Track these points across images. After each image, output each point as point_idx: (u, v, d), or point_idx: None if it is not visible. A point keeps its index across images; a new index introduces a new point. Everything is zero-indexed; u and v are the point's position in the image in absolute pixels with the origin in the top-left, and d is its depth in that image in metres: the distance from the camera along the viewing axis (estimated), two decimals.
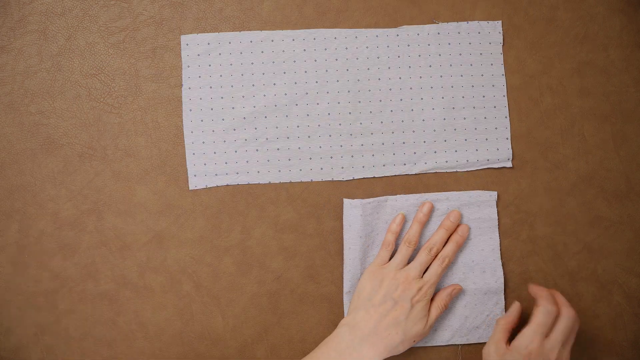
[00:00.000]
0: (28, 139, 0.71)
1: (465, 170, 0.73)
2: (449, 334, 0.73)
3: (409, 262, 0.70)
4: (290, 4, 0.73)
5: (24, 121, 0.71)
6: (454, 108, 0.73)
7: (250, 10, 0.73)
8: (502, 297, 0.73)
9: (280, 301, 0.72)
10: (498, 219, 0.73)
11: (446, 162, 0.73)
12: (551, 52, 0.75)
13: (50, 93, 0.71)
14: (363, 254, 0.71)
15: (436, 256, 0.70)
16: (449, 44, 0.74)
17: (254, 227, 0.72)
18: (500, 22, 0.74)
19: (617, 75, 0.75)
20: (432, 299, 0.70)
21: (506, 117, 0.74)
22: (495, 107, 0.74)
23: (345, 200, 0.71)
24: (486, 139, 0.73)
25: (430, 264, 0.70)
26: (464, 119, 0.73)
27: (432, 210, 0.71)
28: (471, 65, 0.74)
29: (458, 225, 0.72)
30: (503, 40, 0.74)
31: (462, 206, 0.73)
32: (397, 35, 0.73)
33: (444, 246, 0.71)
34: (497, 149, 0.73)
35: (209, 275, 0.72)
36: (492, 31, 0.74)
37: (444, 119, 0.73)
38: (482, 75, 0.74)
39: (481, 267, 0.73)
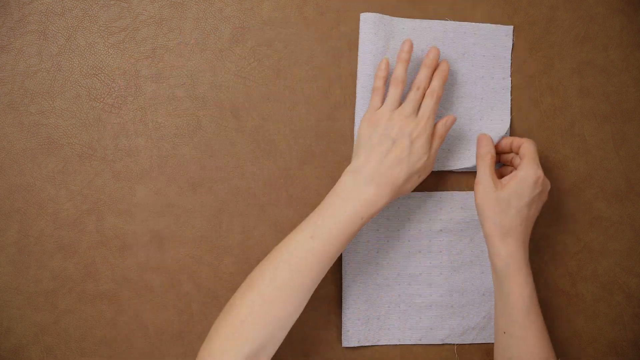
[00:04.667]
0: (28, 139, 0.71)
1: (465, 169, 0.73)
2: (444, 333, 0.73)
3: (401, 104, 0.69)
4: (290, 4, 0.73)
5: (24, 121, 0.71)
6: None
7: (250, 10, 0.73)
8: None
9: None
10: None
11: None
12: (551, 52, 0.75)
13: (50, 93, 0.71)
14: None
15: (424, 94, 0.68)
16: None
17: (254, 227, 0.72)
18: (512, 27, 0.74)
19: (617, 75, 0.75)
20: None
21: (508, 119, 0.73)
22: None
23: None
24: None
25: (422, 102, 0.68)
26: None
27: (412, 47, 0.69)
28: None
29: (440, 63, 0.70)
30: (513, 45, 0.74)
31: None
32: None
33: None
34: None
35: (209, 275, 0.72)
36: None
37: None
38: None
39: (480, 267, 0.73)
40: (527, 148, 0.67)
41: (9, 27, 0.70)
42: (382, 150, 0.65)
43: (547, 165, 0.74)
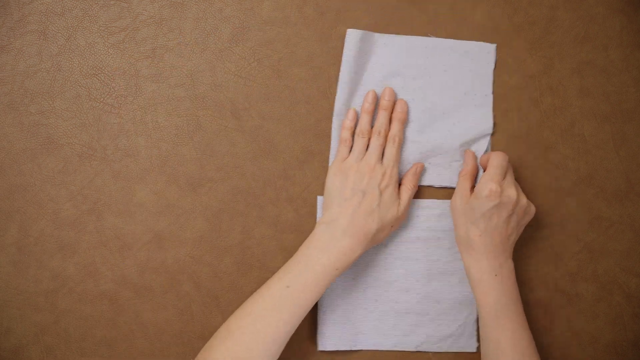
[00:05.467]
0: (28, 139, 0.71)
1: (446, 187, 0.73)
2: (419, 340, 0.72)
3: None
4: (290, 4, 0.73)
5: (24, 121, 0.71)
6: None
7: (250, 10, 0.73)
8: (476, 309, 0.73)
9: None
10: None
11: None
12: (551, 52, 0.75)
13: (50, 93, 0.71)
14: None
15: (386, 138, 0.71)
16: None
17: (254, 227, 0.72)
18: (495, 45, 0.73)
19: (617, 75, 0.75)
20: (401, 183, 0.71)
21: (489, 135, 0.73)
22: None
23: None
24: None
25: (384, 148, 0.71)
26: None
27: (376, 97, 0.71)
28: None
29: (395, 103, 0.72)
30: (495, 64, 0.74)
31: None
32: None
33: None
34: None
35: (209, 275, 0.72)
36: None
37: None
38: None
39: (457, 276, 0.73)
40: (490, 162, 0.68)
41: (9, 27, 0.70)
42: (354, 203, 0.67)
43: (547, 165, 0.74)
